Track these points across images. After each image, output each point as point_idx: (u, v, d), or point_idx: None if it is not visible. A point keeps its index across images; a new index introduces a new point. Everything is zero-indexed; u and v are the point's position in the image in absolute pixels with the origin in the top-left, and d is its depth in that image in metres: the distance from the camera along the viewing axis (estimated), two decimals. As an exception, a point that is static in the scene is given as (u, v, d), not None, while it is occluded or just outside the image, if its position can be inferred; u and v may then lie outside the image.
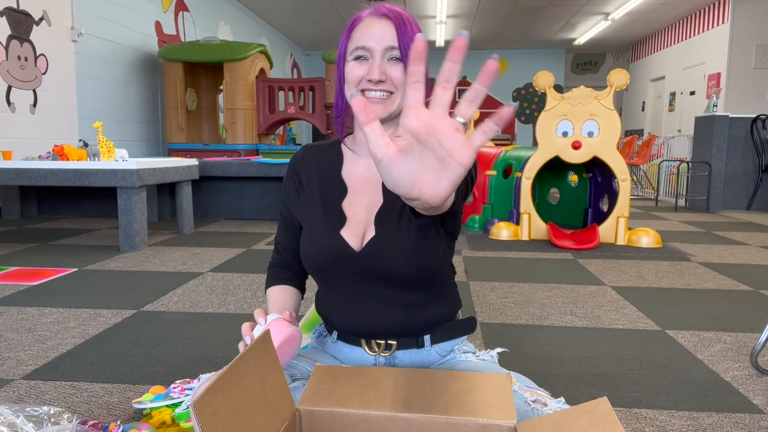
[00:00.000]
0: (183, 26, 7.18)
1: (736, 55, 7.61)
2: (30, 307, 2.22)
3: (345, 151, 1.05)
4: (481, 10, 8.91)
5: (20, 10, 4.48)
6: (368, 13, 0.93)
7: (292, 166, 1.07)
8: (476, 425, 0.75)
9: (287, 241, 1.09)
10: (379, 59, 0.90)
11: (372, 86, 0.90)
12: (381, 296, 0.97)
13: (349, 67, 0.92)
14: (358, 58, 0.91)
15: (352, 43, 0.93)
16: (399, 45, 0.90)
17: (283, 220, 1.09)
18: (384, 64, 0.90)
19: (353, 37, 0.93)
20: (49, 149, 4.39)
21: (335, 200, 1.00)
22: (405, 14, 0.93)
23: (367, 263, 0.95)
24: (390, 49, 0.90)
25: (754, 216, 5.66)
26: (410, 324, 0.99)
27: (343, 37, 0.95)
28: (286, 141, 10.39)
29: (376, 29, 0.90)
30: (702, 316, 2.23)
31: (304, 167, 1.05)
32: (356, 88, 0.92)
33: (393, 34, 0.90)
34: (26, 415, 1.16)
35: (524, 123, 12.56)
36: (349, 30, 0.94)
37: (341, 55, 0.95)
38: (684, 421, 1.35)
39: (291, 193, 1.06)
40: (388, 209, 0.96)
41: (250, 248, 3.52)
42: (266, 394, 0.75)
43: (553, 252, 3.55)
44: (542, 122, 3.90)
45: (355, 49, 0.91)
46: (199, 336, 1.91)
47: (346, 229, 0.97)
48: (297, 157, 1.08)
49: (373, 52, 0.90)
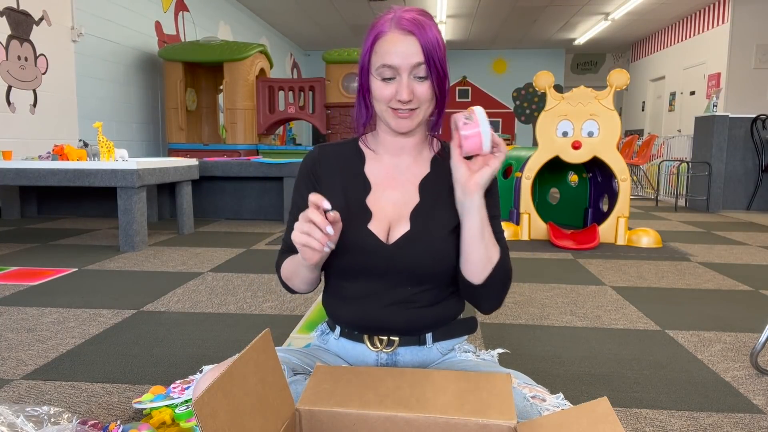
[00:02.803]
0: (183, 26, 7.18)
1: (736, 55, 7.61)
2: (30, 307, 2.22)
3: (364, 149, 1.07)
4: (481, 10, 8.91)
5: (20, 10, 4.48)
6: (391, 26, 0.94)
7: (308, 165, 1.07)
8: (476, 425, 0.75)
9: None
10: (406, 78, 0.93)
11: (401, 105, 0.95)
12: (396, 292, 0.99)
13: (377, 86, 0.95)
14: (385, 79, 0.94)
15: (377, 59, 0.94)
16: (425, 60, 0.92)
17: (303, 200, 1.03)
18: (411, 83, 0.93)
19: (377, 52, 0.95)
20: (49, 149, 4.39)
21: (359, 196, 1.02)
22: (425, 22, 0.94)
23: (397, 257, 0.97)
24: (416, 66, 0.92)
25: (754, 216, 5.66)
26: (418, 321, 1.01)
27: (366, 47, 0.97)
28: (286, 141, 10.39)
29: (401, 47, 0.92)
30: (702, 316, 2.23)
31: (323, 166, 1.05)
32: (386, 106, 0.96)
33: (418, 51, 0.92)
34: (26, 415, 1.16)
35: (524, 123, 12.56)
36: (372, 42, 0.95)
37: (364, 65, 0.97)
38: (684, 421, 1.35)
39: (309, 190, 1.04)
40: (423, 207, 1.00)
41: (250, 248, 3.52)
42: (266, 394, 0.75)
43: (553, 252, 3.55)
44: (542, 122, 3.90)
45: (382, 68, 0.94)
46: (199, 336, 1.91)
47: (373, 223, 0.99)
48: (313, 156, 1.07)
49: (400, 71, 0.93)
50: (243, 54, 6.04)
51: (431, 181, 1.03)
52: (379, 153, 1.05)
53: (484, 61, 12.35)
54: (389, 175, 1.04)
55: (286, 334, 1.91)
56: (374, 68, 0.95)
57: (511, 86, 12.46)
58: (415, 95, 0.94)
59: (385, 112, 0.97)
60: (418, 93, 0.94)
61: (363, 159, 1.06)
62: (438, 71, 0.93)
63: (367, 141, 1.07)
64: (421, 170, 1.04)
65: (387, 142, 1.04)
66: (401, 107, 0.95)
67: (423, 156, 1.05)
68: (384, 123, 1.00)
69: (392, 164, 1.04)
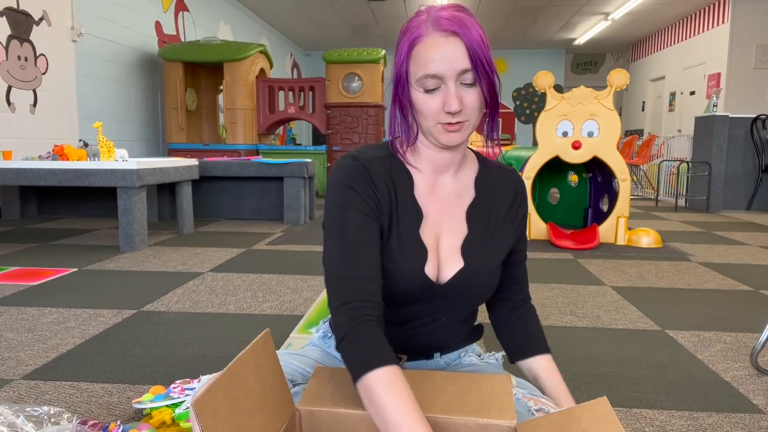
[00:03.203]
0: (183, 26, 7.18)
1: (736, 55, 7.61)
2: (30, 307, 2.21)
3: (408, 167, 0.93)
4: (481, 10, 8.91)
5: (20, 10, 4.48)
6: (428, 29, 0.83)
7: (364, 176, 0.88)
8: (476, 425, 0.75)
9: (373, 237, 0.87)
10: (453, 87, 0.82)
11: (450, 119, 0.84)
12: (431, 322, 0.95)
13: (420, 99, 0.84)
14: (429, 90, 0.83)
15: (418, 68, 0.83)
16: (472, 65, 0.81)
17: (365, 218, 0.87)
18: (459, 91, 0.82)
19: (416, 59, 0.83)
20: (49, 149, 4.39)
21: (413, 227, 0.90)
22: (467, 19, 0.83)
23: (448, 296, 0.92)
24: (462, 72, 0.82)
25: (754, 216, 5.66)
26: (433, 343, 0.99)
27: (401, 55, 0.86)
28: (286, 141, 10.39)
29: (445, 51, 0.81)
30: (702, 316, 2.23)
31: (378, 182, 0.89)
32: (435, 122, 0.85)
33: (464, 54, 0.81)
34: (26, 415, 1.16)
35: (524, 123, 12.56)
36: (408, 48, 0.84)
37: (402, 75, 0.86)
38: (684, 421, 1.35)
39: (376, 202, 0.88)
40: (474, 240, 0.93)
41: (250, 248, 3.52)
42: (266, 395, 0.75)
43: (553, 252, 3.55)
44: (542, 122, 3.90)
45: (424, 78, 0.82)
46: (199, 336, 1.91)
47: (428, 261, 0.90)
48: (367, 168, 0.89)
49: (446, 79, 0.82)
50: (243, 54, 6.04)
51: (478, 208, 0.95)
52: (423, 171, 0.93)
53: (484, 61, 12.33)
54: (437, 198, 0.93)
55: (286, 334, 1.91)
56: (414, 79, 0.84)
57: (511, 86, 12.46)
58: (464, 105, 0.83)
59: (434, 129, 0.86)
60: (467, 102, 0.83)
61: (411, 179, 0.92)
62: (487, 75, 0.83)
63: (405, 155, 0.93)
64: (466, 194, 0.95)
65: (428, 156, 0.92)
66: (450, 120, 0.83)
67: (464, 173, 0.96)
68: (432, 139, 0.88)
69: (438, 185, 0.94)
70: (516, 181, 1.00)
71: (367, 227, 0.86)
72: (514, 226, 0.98)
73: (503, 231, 0.96)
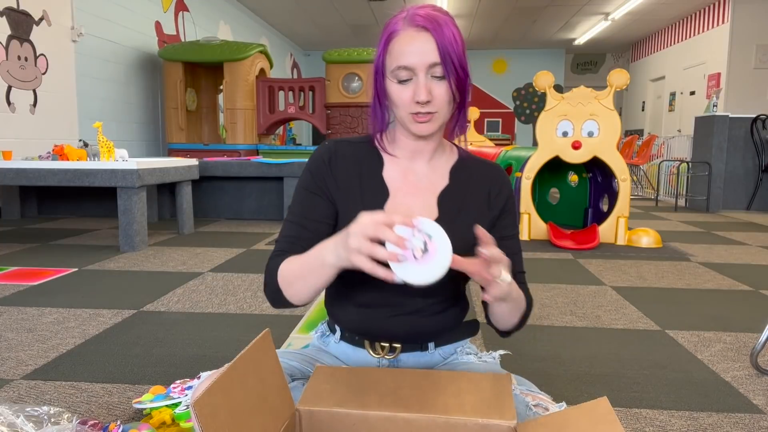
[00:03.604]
0: (183, 26, 7.18)
1: (736, 55, 7.61)
2: (30, 307, 2.22)
3: (381, 151, 1.01)
4: (481, 10, 8.91)
5: (20, 10, 4.48)
6: (404, 24, 0.90)
7: (323, 157, 0.99)
8: (476, 425, 0.75)
9: (311, 211, 0.97)
10: (423, 78, 0.89)
11: (420, 108, 0.90)
12: (406, 302, 0.97)
13: (394, 89, 0.91)
14: (401, 81, 0.90)
15: (392, 60, 0.90)
16: (441, 59, 0.88)
17: (310, 195, 0.98)
18: (429, 83, 0.89)
19: (392, 52, 0.91)
20: (49, 149, 4.39)
21: (377, 202, 0.97)
22: (441, 18, 0.89)
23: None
24: (432, 66, 0.88)
25: (754, 216, 5.66)
26: (422, 329, 1.00)
27: (380, 48, 0.93)
28: (286, 141, 10.39)
29: (416, 45, 0.88)
30: (702, 316, 2.23)
31: (339, 162, 0.99)
32: (406, 112, 0.92)
33: (434, 49, 0.87)
34: (26, 415, 1.16)
35: (524, 123, 12.56)
36: (386, 42, 0.92)
37: (379, 67, 0.94)
38: (684, 421, 1.35)
39: (326, 180, 0.98)
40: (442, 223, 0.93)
41: (250, 248, 3.52)
42: (266, 394, 0.75)
43: (553, 252, 3.55)
44: (542, 122, 3.90)
45: (397, 69, 0.89)
46: (199, 336, 1.91)
47: None
48: (330, 150, 0.99)
49: (416, 71, 0.88)
50: (243, 54, 6.04)
51: (450, 194, 0.99)
52: (396, 156, 1.01)
53: (484, 61, 12.35)
54: (408, 182, 0.99)
55: (286, 334, 1.91)
56: (389, 71, 0.91)
57: (511, 86, 12.46)
58: (433, 96, 0.89)
59: (405, 118, 0.92)
60: (437, 94, 0.89)
61: (381, 162, 1.00)
62: (456, 71, 0.88)
63: (383, 142, 1.02)
64: (440, 180, 1.00)
65: (404, 144, 0.99)
66: (420, 110, 0.90)
67: (441, 162, 1.02)
68: (404, 128, 0.96)
69: (410, 169, 1.00)
70: (495, 173, 1.03)
71: (310, 201, 0.98)
72: (491, 216, 1.00)
73: (477, 219, 0.97)
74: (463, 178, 1.01)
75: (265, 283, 0.96)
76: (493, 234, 0.97)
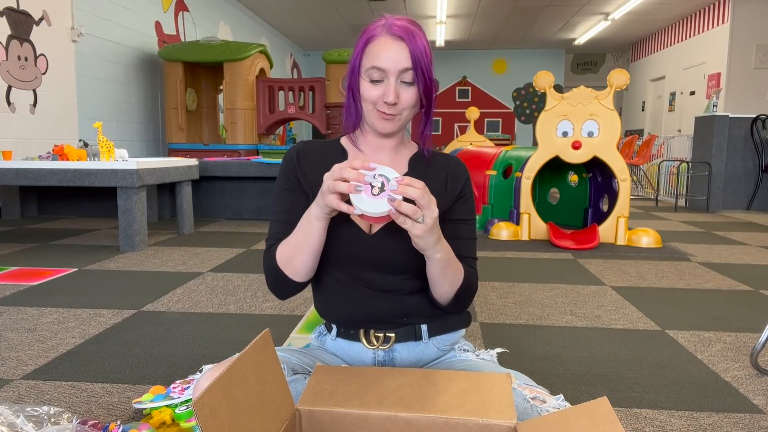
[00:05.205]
0: (183, 26, 7.18)
1: (736, 55, 7.61)
2: (30, 307, 2.22)
3: (347, 146, 1.10)
4: (481, 10, 8.91)
5: (20, 10, 4.48)
6: (382, 31, 0.98)
7: (292, 157, 1.08)
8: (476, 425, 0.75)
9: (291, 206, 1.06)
10: (394, 82, 0.97)
11: (386, 108, 0.98)
12: (380, 281, 1.02)
13: (365, 87, 0.99)
14: (373, 81, 0.98)
15: (368, 60, 0.98)
16: (412, 66, 0.97)
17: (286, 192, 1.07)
18: (398, 87, 0.97)
19: (368, 54, 0.98)
20: (49, 149, 4.39)
21: None
22: (415, 31, 0.98)
23: (378, 247, 1.00)
24: (403, 71, 0.97)
25: (754, 216, 5.66)
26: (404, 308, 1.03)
27: (357, 49, 1.01)
28: (286, 141, 10.39)
29: (391, 52, 0.96)
30: (702, 316, 2.23)
31: (307, 159, 1.08)
32: (373, 106, 1.00)
33: (407, 57, 0.96)
34: (26, 415, 1.16)
35: (524, 123, 12.56)
36: (364, 44, 0.99)
37: (355, 67, 1.01)
38: (684, 421, 1.35)
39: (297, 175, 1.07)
40: None
41: (250, 248, 3.52)
42: (266, 394, 0.75)
43: (553, 252, 3.55)
44: (542, 122, 3.90)
45: (371, 69, 0.97)
46: (199, 336, 1.91)
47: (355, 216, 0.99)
48: (298, 149, 1.09)
49: (388, 74, 0.97)
50: (243, 54, 6.04)
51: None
52: (362, 150, 1.09)
53: (484, 61, 12.35)
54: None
55: (286, 334, 1.92)
56: (364, 70, 0.99)
57: (511, 86, 12.46)
58: (400, 99, 0.98)
59: (370, 112, 1.00)
60: (403, 98, 0.98)
61: (345, 155, 1.09)
62: (425, 78, 0.98)
63: (351, 139, 1.10)
64: (400, 168, 1.08)
65: (369, 139, 1.07)
66: (386, 110, 0.98)
67: (401, 155, 1.10)
68: (368, 123, 1.03)
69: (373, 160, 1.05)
70: (453, 162, 1.11)
71: (287, 198, 1.06)
72: (448, 200, 1.06)
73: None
74: (421, 166, 1.09)
75: (266, 276, 1.04)
76: (449, 217, 1.06)
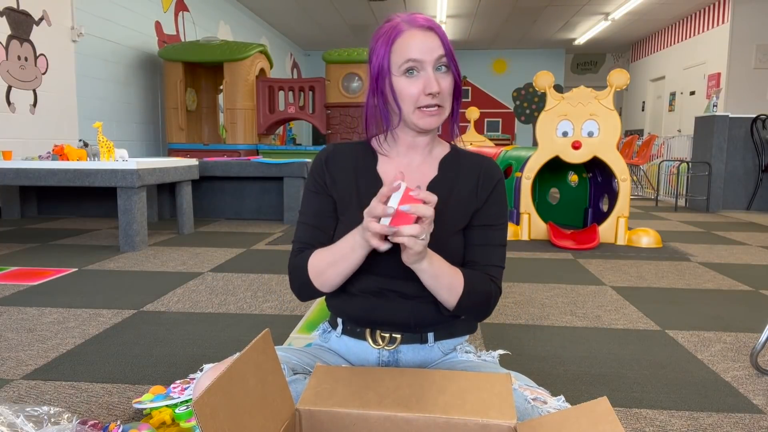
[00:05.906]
0: (183, 26, 7.18)
1: (736, 55, 7.61)
2: (30, 307, 2.22)
3: (377, 149, 1.08)
4: (481, 10, 8.91)
5: (20, 10, 4.48)
6: (407, 26, 0.95)
7: (321, 160, 1.06)
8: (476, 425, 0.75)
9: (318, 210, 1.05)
10: (431, 71, 0.94)
11: (429, 100, 0.95)
12: (404, 287, 1.00)
13: (403, 84, 0.95)
14: (409, 71, 0.95)
15: (398, 57, 0.95)
16: (445, 53, 0.95)
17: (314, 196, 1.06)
18: (436, 76, 0.95)
19: (397, 51, 0.95)
20: (49, 149, 4.39)
21: (371, 192, 0.99)
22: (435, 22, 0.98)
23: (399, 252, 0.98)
24: (439, 58, 0.95)
25: (754, 216, 5.66)
26: (422, 315, 1.01)
27: (381, 50, 0.97)
28: (286, 141, 10.39)
29: (425, 42, 0.94)
30: (702, 316, 2.23)
31: (337, 162, 1.06)
32: (414, 106, 0.96)
33: (439, 45, 0.94)
34: (26, 415, 1.16)
35: (524, 123, 12.56)
36: (388, 43, 0.96)
37: (384, 67, 0.97)
38: (684, 421, 1.35)
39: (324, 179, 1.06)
40: None
41: (250, 248, 3.52)
42: (266, 394, 0.75)
43: (553, 252, 3.55)
44: (542, 122, 3.90)
45: (406, 62, 0.94)
46: (199, 336, 1.91)
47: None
48: (328, 152, 1.07)
49: (425, 64, 0.94)
50: (243, 54, 6.04)
51: (439, 184, 1.04)
52: (391, 155, 1.06)
53: (484, 61, 12.35)
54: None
55: (286, 334, 1.92)
56: (396, 67, 0.95)
57: (511, 86, 12.46)
58: (441, 87, 0.95)
59: (412, 114, 0.97)
60: (443, 85, 0.95)
61: (375, 158, 1.07)
62: (455, 65, 0.97)
63: (380, 143, 1.08)
64: (430, 172, 1.05)
65: (401, 141, 1.04)
66: (430, 102, 0.95)
67: (432, 156, 1.07)
68: (410, 124, 0.99)
69: (403, 164, 1.05)
70: (486, 166, 1.07)
71: (315, 201, 1.05)
72: (476, 205, 1.03)
73: (464, 208, 1.03)
74: (452, 168, 1.06)
75: (291, 278, 1.03)
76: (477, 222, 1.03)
